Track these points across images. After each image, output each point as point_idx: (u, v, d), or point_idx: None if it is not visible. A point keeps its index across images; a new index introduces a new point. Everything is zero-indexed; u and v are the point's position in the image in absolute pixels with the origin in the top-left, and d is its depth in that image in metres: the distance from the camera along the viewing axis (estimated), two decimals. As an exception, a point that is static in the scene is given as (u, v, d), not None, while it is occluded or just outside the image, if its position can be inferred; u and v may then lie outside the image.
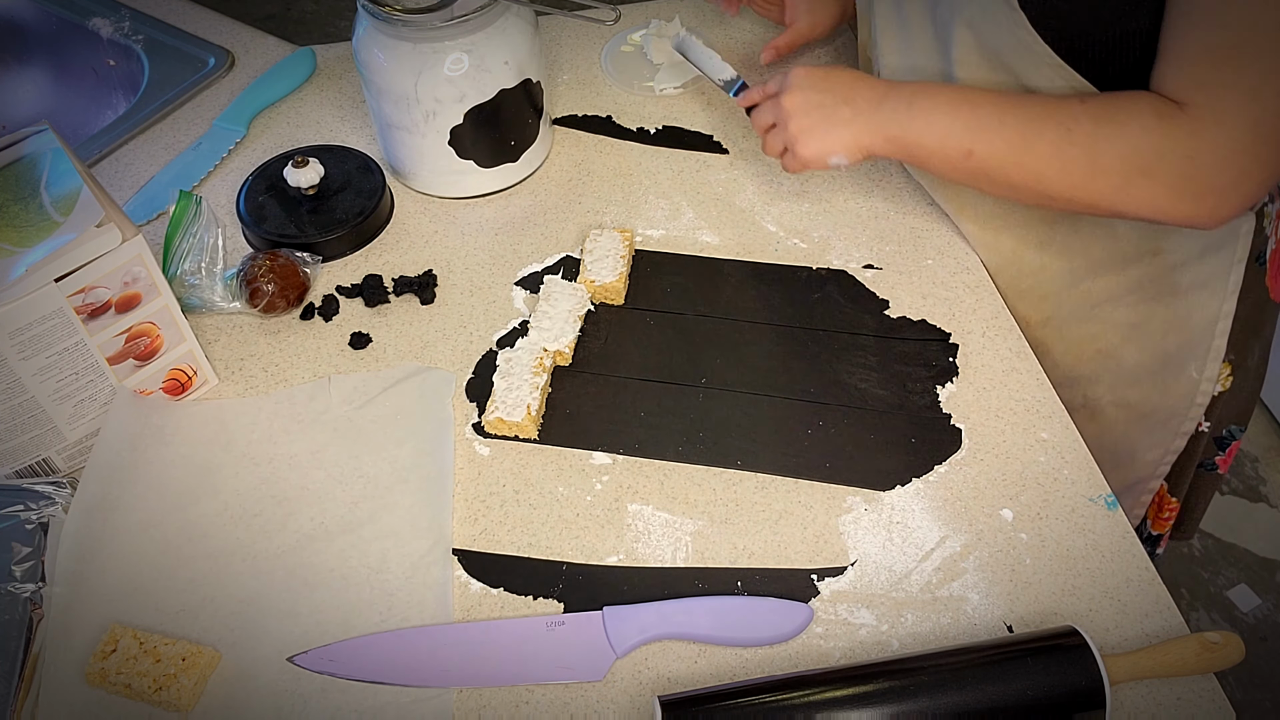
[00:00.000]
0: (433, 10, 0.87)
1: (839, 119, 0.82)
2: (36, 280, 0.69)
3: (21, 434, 0.75)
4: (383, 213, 0.98)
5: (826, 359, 0.85)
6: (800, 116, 0.83)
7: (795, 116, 0.83)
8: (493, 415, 0.80)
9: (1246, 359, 0.92)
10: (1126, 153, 0.70)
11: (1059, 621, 0.70)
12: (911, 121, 0.79)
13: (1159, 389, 0.92)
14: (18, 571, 0.70)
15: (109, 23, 1.18)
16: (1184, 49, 0.68)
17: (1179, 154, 0.69)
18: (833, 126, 0.82)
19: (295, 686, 0.67)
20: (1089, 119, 0.72)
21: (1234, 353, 0.90)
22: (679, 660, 0.68)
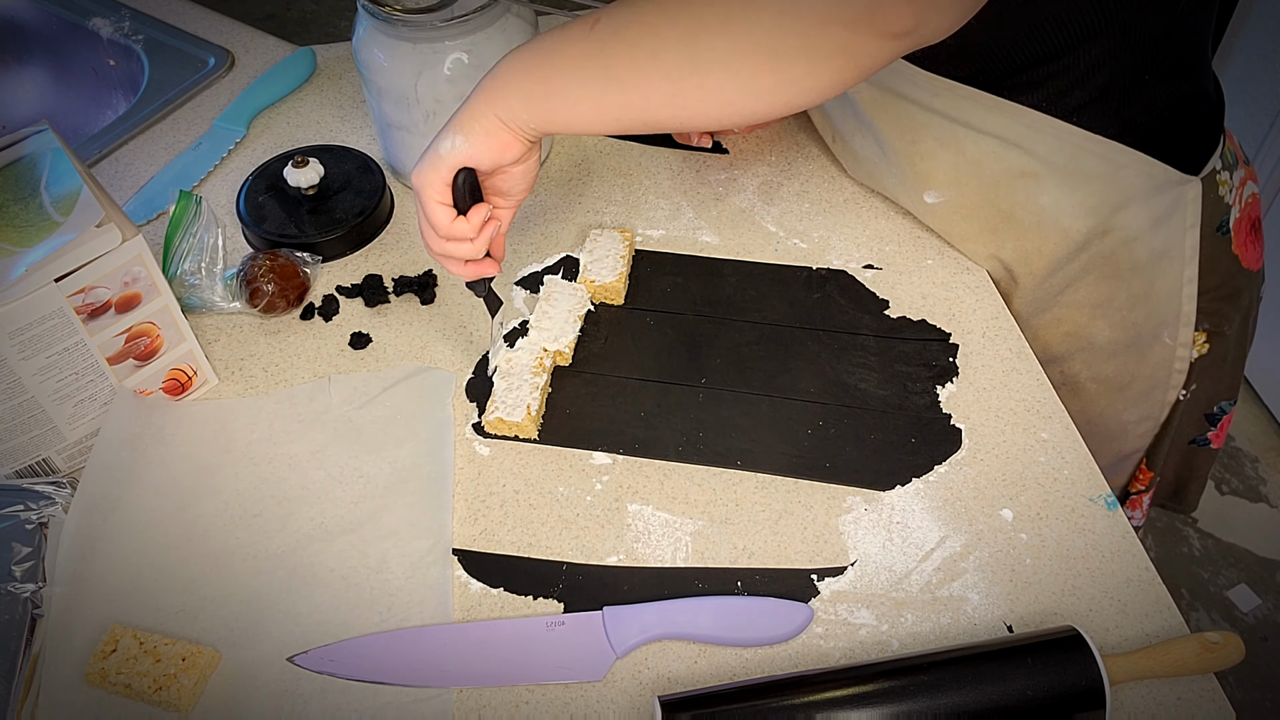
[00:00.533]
0: (433, 10, 0.87)
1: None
2: (36, 280, 0.69)
3: (21, 434, 0.75)
4: (383, 213, 0.98)
5: (826, 359, 0.85)
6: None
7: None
8: (493, 415, 0.80)
9: (1223, 326, 0.93)
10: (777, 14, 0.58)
11: (1059, 621, 0.70)
12: (495, 79, 0.67)
13: (1135, 360, 0.93)
14: (18, 571, 0.70)
15: (109, 23, 1.18)
16: None
17: (856, 8, 0.57)
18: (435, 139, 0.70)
19: (295, 686, 0.67)
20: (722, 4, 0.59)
21: (1209, 321, 0.90)
22: (679, 660, 0.68)
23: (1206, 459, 1.05)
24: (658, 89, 0.63)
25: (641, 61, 0.62)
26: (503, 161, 0.70)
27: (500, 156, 0.70)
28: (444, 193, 0.71)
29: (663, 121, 0.65)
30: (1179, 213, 0.84)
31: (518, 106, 0.67)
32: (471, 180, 0.71)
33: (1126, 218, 0.84)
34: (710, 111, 0.64)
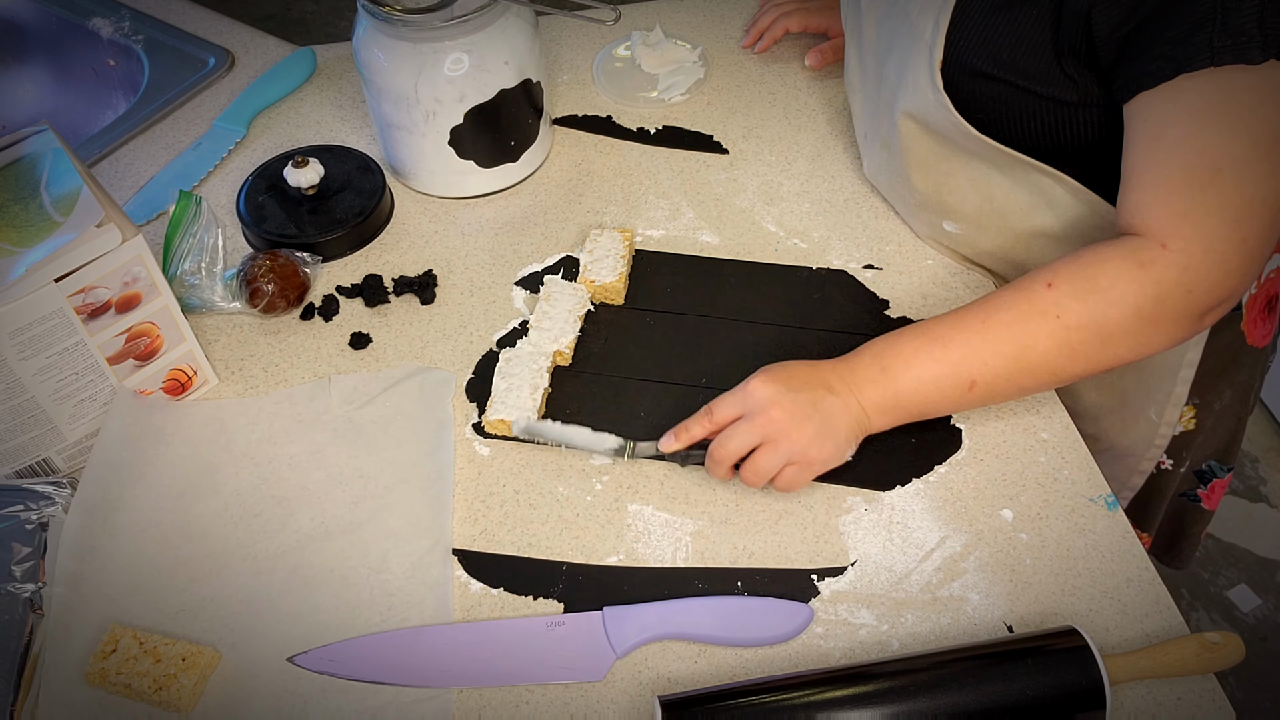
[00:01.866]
0: (433, 10, 0.87)
1: (832, 411, 0.73)
2: (36, 280, 0.69)
3: (21, 434, 0.75)
4: (383, 213, 0.98)
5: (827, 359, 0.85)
6: (801, 424, 0.72)
7: (795, 425, 0.72)
8: (493, 415, 0.80)
9: (1213, 402, 0.92)
10: (1127, 314, 0.69)
11: (1059, 621, 0.69)
12: (895, 382, 0.73)
13: (1117, 428, 0.92)
14: (18, 571, 0.70)
15: (109, 23, 1.18)
16: (1160, 179, 0.67)
17: (1177, 294, 0.68)
18: (831, 421, 0.73)
19: (295, 686, 0.67)
20: (1072, 299, 0.69)
21: (1198, 395, 0.90)
22: (679, 660, 0.68)
23: (1196, 517, 1.04)
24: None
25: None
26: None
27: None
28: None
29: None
30: None
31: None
32: None
33: None
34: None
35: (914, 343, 0.74)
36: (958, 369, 0.72)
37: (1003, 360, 0.71)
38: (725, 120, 1.07)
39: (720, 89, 1.11)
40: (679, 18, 1.19)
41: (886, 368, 0.74)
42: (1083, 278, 0.70)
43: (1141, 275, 0.68)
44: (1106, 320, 0.69)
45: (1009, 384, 0.73)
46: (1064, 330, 0.70)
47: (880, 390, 0.73)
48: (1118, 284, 0.68)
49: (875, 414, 0.74)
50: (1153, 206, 0.68)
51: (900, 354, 0.74)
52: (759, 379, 0.74)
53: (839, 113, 1.07)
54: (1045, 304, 0.70)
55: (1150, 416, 0.90)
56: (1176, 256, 0.67)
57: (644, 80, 1.11)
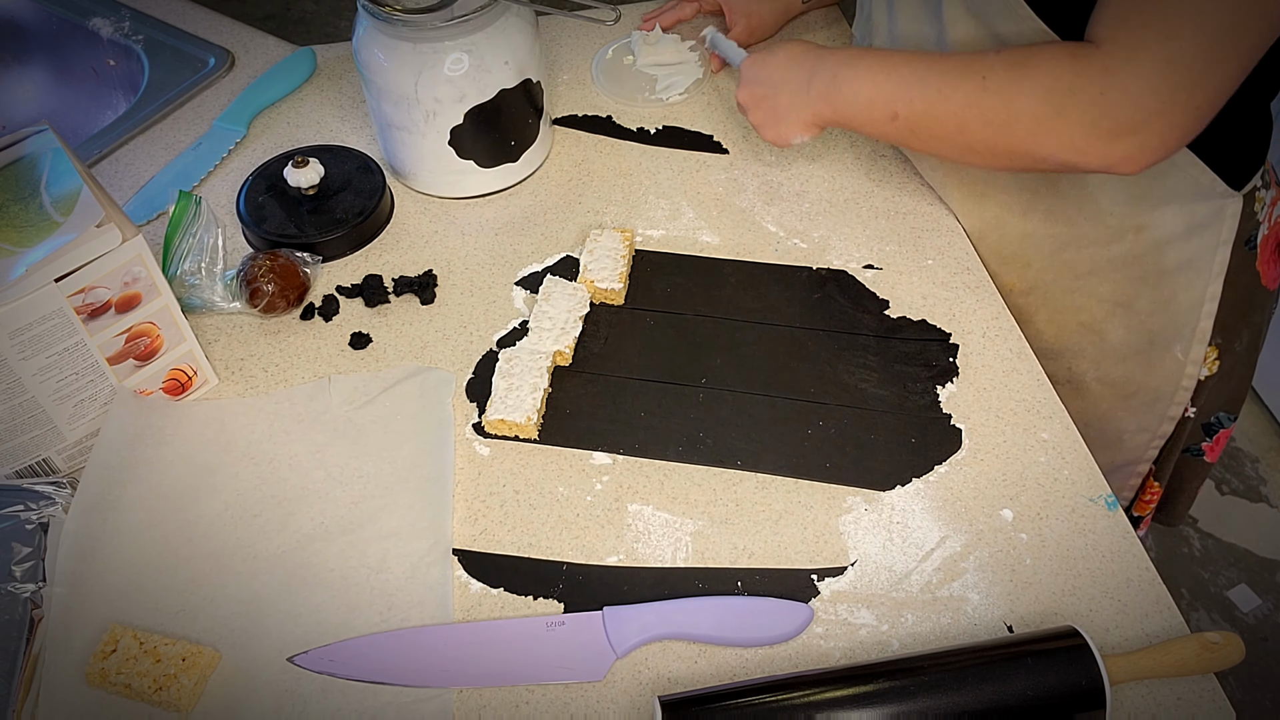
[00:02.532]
0: (433, 10, 0.87)
1: (781, 107, 0.88)
2: (36, 280, 0.69)
3: (21, 434, 0.75)
4: (383, 213, 0.98)
5: (826, 359, 0.85)
6: (753, 110, 0.91)
7: (750, 110, 0.92)
8: (493, 415, 0.80)
9: (1234, 343, 0.93)
10: (1039, 92, 0.71)
11: (1059, 621, 0.70)
12: (839, 95, 0.84)
13: (1144, 368, 0.93)
14: (18, 571, 0.70)
15: (109, 23, 1.18)
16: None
17: (1091, 91, 0.69)
18: (779, 115, 0.89)
19: (295, 686, 0.67)
20: (1003, 66, 0.73)
21: (1221, 336, 0.90)
22: (679, 660, 0.68)
23: (1198, 471, 1.04)
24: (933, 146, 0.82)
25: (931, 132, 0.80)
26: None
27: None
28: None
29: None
30: (1215, 226, 0.84)
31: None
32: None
33: (1163, 218, 0.84)
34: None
35: (867, 64, 0.83)
36: (888, 98, 0.80)
37: (923, 102, 0.78)
38: (725, 120, 1.07)
39: (720, 89, 1.11)
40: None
41: (838, 79, 0.84)
42: (1022, 54, 0.73)
43: (1068, 64, 0.70)
44: (1019, 92, 0.72)
45: (923, 128, 0.79)
46: (982, 91, 0.74)
47: (827, 101, 0.85)
48: (1044, 64, 0.71)
49: (816, 116, 0.87)
50: (1102, 10, 0.69)
51: (853, 70, 0.83)
52: (745, 61, 0.93)
53: (839, 113, 1.07)
54: (982, 65, 0.75)
55: (1176, 355, 0.91)
56: (1102, 56, 0.68)
57: (643, 80, 1.11)
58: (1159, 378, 0.93)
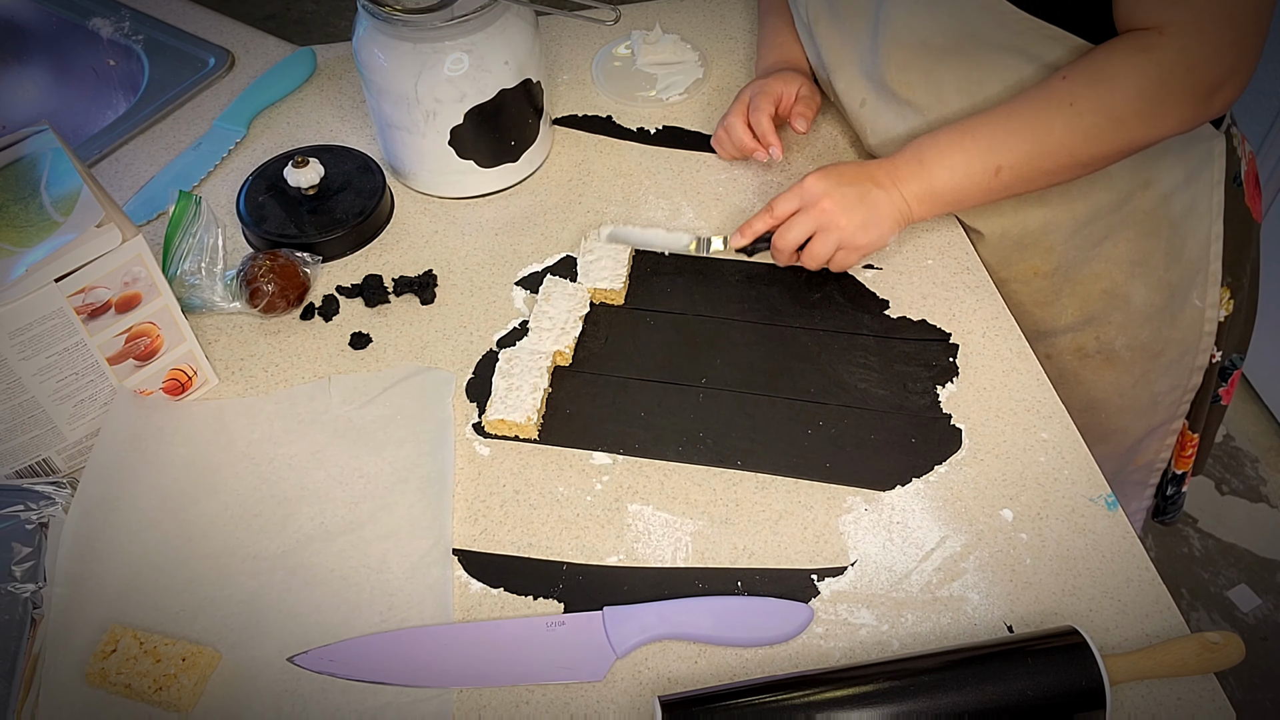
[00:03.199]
0: (433, 10, 0.87)
1: (877, 202, 0.84)
2: (36, 280, 0.69)
3: (21, 434, 0.75)
4: (383, 213, 0.98)
5: (827, 359, 0.85)
6: (849, 213, 0.84)
7: (843, 214, 0.84)
8: (493, 415, 0.80)
9: (1241, 279, 0.95)
10: (1134, 95, 0.75)
11: (1059, 621, 0.69)
12: (931, 174, 0.83)
13: (1168, 323, 0.95)
14: (18, 571, 0.70)
15: (109, 23, 1.18)
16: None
17: (1178, 73, 0.73)
18: (876, 211, 0.84)
19: (295, 686, 0.67)
20: (1084, 86, 0.76)
21: (1230, 275, 0.93)
22: (679, 660, 0.68)
23: (1216, 416, 1.06)
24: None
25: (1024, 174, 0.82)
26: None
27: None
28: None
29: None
30: (1207, 167, 0.87)
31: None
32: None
33: (1165, 168, 0.87)
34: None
35: (947, 137, 0.83)
36: (985, 156, 0.81)
37: (1024, 144, 0.79)
38: (725, 120, 1.07)
39: (720, 89, 1.11)
40: (679, 18, 1.19)
41: (923, 160, 0.83)
42: (1092, 68, 0.76)
43: (1144, 60, 0.74)
44: (1115, 104, 0.76)
45: (1032, 168, 0.80)
46: (1077, 116, 0.77)
47: (919, 181, 0.83)
48: (1122, 70, 0.75)
49: (915, 203, 0.84)
50: (1141, 7, 0.74)
51: (935, 147, 0.83)
52: (813, 176, 0.85)
53: (839, 112, 1.06)
54: (1060, 94, 0.77)
55: (1195, 302, 0.94)
56: (1172, 39, 0.73)
57: (643, 80, 1.11)
58: (1183, 329, 0.95)
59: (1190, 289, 0.93)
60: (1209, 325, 0.95)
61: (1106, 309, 0.95)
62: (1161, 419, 1.01)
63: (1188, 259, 0.92)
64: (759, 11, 1.07)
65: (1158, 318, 0.94)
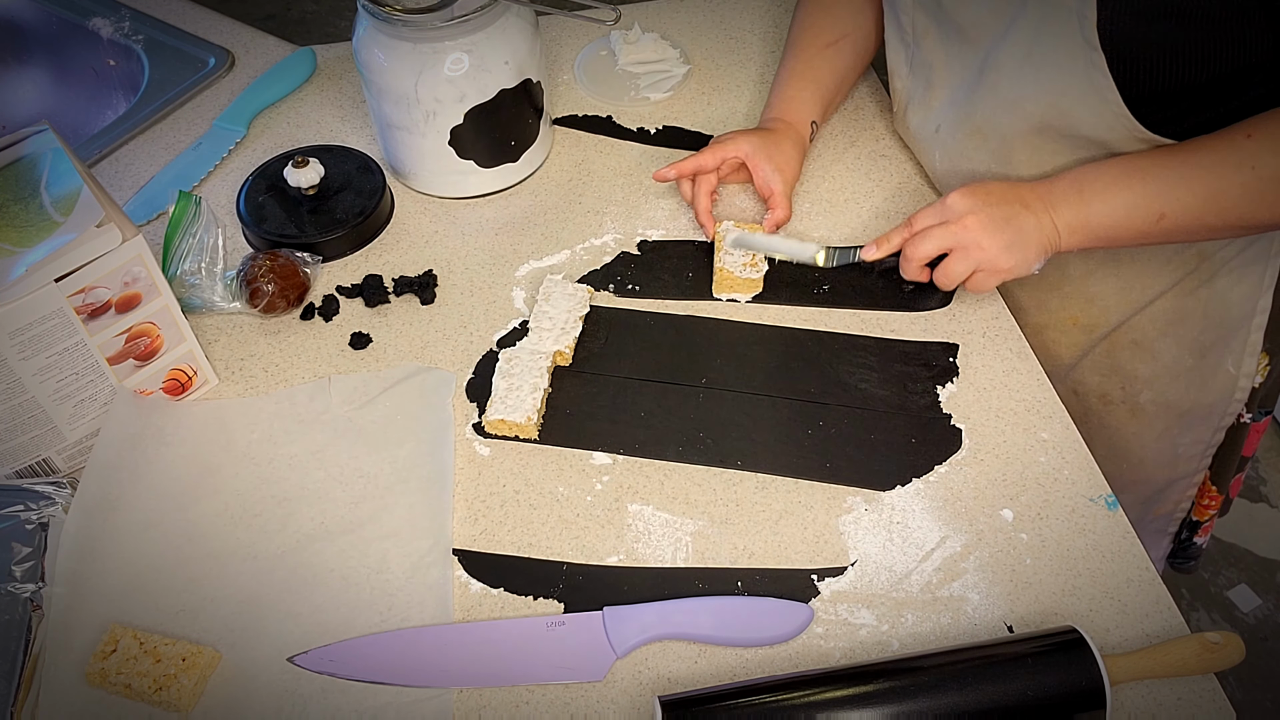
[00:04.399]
0: (433, 10, 0.87)
1: (1026, 226, 0.79)
2: (36, 280, 0.69)
3: (21, 434, 0.75)
4: (383, 213, 0.98)
5: (827, 359, 0.85)
6: (993, 235, 0.78)
7: (987, 235, 0.79)
8: (493, 415, 0.80)
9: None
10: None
11: (1059, 621, 0.69)
12: (1089, 206, 0.78)
13: (1197, 385, 0.93)
14: (18, 571, 0.70)
15: (109, 23, 1.18)
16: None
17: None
18: (1023, 234, 0.79)
19: (295, 686, 0.67)
20: (1270, 154, 0.73)
21: (1269, 341, 0.91)
22: (679, 660, 0.68)
23: (1239, 466, 1.04)
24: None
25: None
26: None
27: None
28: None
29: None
30: (1265, 240, 0.85)
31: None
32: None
33: (1223, 240, 0.85)
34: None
35: (1113, 171, 0.78)
36: (1151, 201, 0.76)
37: (1195, 199, 0.75)
38: (725, 120, 1.07)
39: (720, 88, 1.11)
40: (678, 18, 1.19)
41: (1083, 190, 0.78)
42: (1275, 131, 0.73)
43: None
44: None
45: (1197, 222, 0.77)
46: (1258, 180, 0.73)
47: (1075, 211, 0.78)
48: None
49: (1067, 233, 0.79)
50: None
51: (1099, 179, 0.78)
52: (959, 192, 0.80)
53: (840, 115, 1.07)
54: (1243, 154, 0.73)
55: (1228, 369, 0.91)
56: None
57: (626, 80, 1.11)
58: (1212, 393, 0.93)
59: (1225, 354, 0.90)
60: (1240, 393, 0.92)
61: (1133, 360, 0.93)
62: (1183, 472, 0.99)
63: (1227, 325, 0.89)
64: (785, 46, 1.02)
65: (1186, 377, 0.92)
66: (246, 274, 0.88)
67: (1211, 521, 1.06)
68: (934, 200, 0.96)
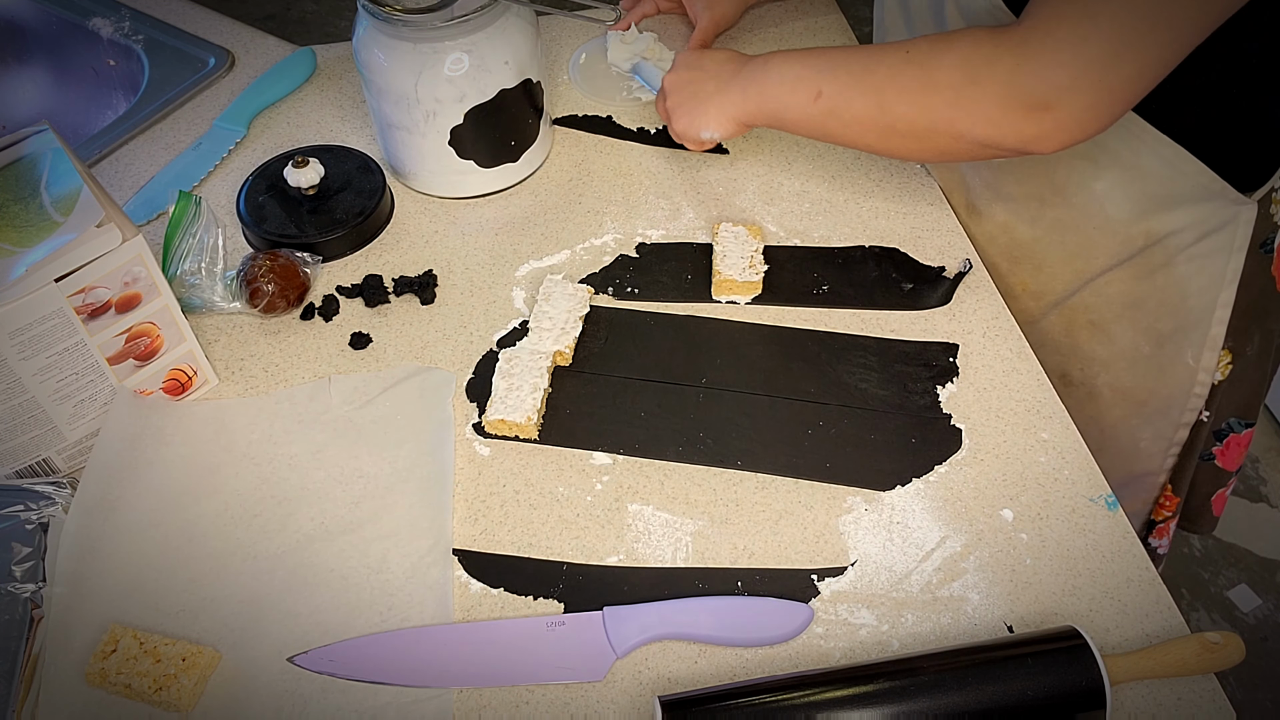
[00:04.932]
0: (433, 10, 0.87)
1: (704, 94, 0.88)
2: (36, 280, 0.69)
3: (21, 434, 0.75)
4: (383, 213, 0.98)
5: (827, 359, 0.85)
6: (673, 94, 0.90)
7: (670, 94, 0.91)
8: (493, 415, 0.80)
9: (1245, 346, 0.92)
10: (957, 63, 0.72)
11: (1059, 621, 0.70)
12: (766, 80, 0.84)
13: (1154, 374, 0.92)
14: (18, 571, 0.70)
15: (109, 23, 1.18)
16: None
17: (1006, 61, 0.69)
18: (699, 102, 0.88)
19: (295, 687, 0.67)
20: (927, 42, 0.75)
21: (1233, 339, 0.90)
22: (679, 660, 0.68)
23: (1213, 476, 1.03)
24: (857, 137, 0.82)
25: (855, 118, 0.80)
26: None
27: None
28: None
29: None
30: (1228, 231, 0.83)
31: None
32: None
33: (1172, 224, 0.84)
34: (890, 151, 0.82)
35: (799, 53, 0.84)
36: (814, 77, 0.81)
37: (848, 75, 0.79)
38: (725, 120, 1.07)
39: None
40: (677, 17, 1.19)
41: (767, 65, 0.85)
42: (950, 32, 0.75)
43: (987, 37, 0.71)
44: (938, 65, 0.73)
45: (845, 104, 0.79)
46: (904, 61, 0.75)
47: (754, 83, 0.85)
48: (965, 38, 0.72)
49: (744, 106, 0.86)
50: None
51: (785, 58, 0.84)
52: (683, 53, 0.93)
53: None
54: (908, 43, 0.76)
55: (1187, 361, 0.90)
56: (1020, 31, 0.69)
57: (620, 80, 1.11)
58: (1170, 384, 0.92)
59: (1185, 345, 0.89)
60: (1200, 387, 0.91)
61: (1091, 341, 0.93)
62: (1144, 468, 0.99)
63: (1185, 316, 0.88)
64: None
65: (1144, 364, 0.92)
66: (246, 274, 0.88)
67: (1168, 524, 1.04)
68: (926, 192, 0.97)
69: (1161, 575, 0.73)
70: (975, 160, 0.88)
